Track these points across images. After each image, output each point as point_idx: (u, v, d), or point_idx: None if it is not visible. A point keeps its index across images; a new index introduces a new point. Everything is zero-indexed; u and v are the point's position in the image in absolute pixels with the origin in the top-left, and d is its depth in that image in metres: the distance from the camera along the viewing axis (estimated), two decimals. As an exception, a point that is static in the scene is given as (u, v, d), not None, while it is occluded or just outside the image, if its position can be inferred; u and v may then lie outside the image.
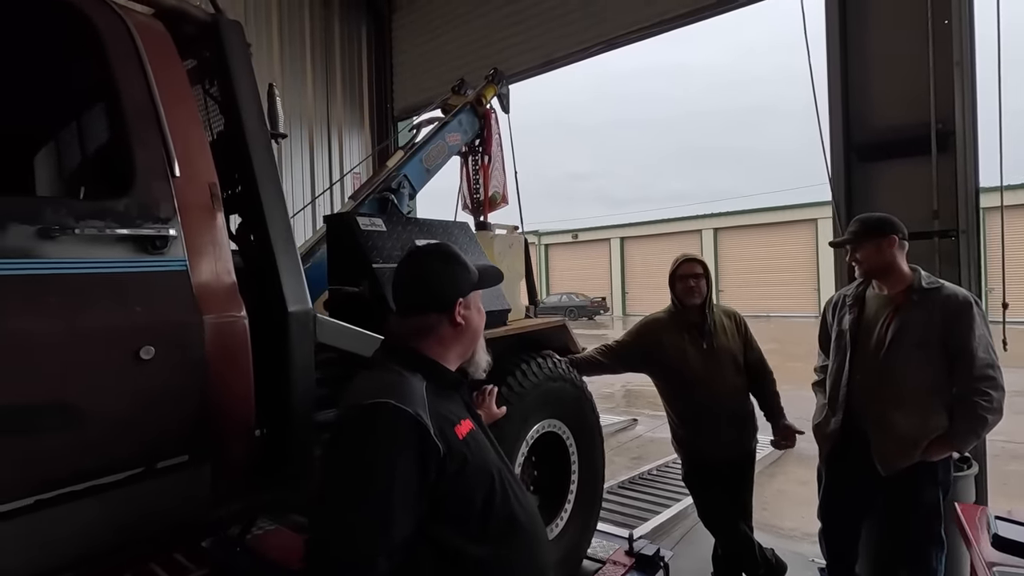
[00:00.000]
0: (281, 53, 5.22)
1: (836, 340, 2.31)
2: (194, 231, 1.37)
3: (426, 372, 1.13)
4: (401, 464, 0.97)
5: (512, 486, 1.15)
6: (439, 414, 1.05)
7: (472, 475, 1.06)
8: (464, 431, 1.09)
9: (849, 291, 2.33)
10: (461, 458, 1.04)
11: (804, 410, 8.19)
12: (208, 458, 1.35)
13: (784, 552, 3.02)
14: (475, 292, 1.23)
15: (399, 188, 3.06)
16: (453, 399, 1.17)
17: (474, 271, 1.24)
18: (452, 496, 1.03)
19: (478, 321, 1.23)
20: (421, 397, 1.05)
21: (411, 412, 1.00)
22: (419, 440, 0.99)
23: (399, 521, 0.95)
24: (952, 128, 2.99)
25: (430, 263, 1.22)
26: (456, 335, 1.19)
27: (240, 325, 1.41)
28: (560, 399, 2.49)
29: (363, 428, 1.00)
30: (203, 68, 1.79)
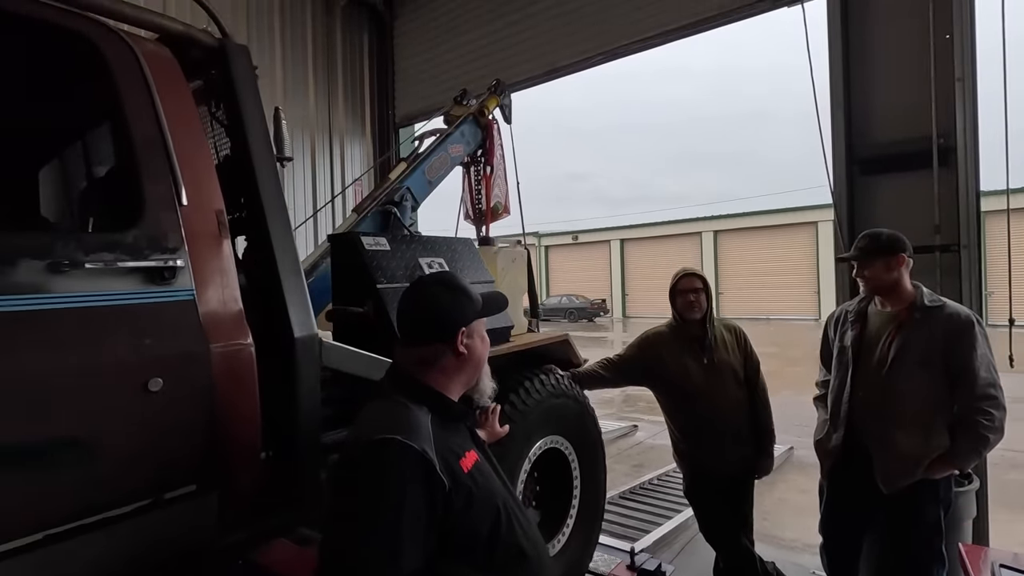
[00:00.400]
0: (283, 60, 5.23)
1: (838, 356, 2.31)
2: (201, 260, 1.38)
3: (431, 404, 1.14)
4: (409, 499, 0.98)
5: (516, 515, 1.17)
6: (445, 448, 1.07)
7: (478, 508, 1.07)
8: (469, 464, 1.11)
9: (851, 306, 2.34)
10: (467, 492, 1.06)
11: (803, 417, 8.16)
12: (215, 486, 1.35)
13: (785, 564, 3.02)
14: (479, 320, 1.24)
15: (402, 201, 3.06)
16: (458, 430, 1.19)
17: (478, 299, 1.24)
18: (459, 529, 1.05)
19: (481, 349, 1.24)
20: (427, 432, 1.06)
21: (417, 448, 1.01)
22: (425, 476, 1.01)
23: (408, 554, 0.96)
24: (953, 143, 3.00)
25: (433, 293, 1.23)
26: (459, 365, 1.20)
27: (247, 353, 1.41)
28: (562, 415, 2.50)
29: (372, 464, 1.02)
30: (209, 89, 1.79)
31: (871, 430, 2.15)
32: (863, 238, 2.24)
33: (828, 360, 2.43)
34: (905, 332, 2.09)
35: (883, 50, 3.23)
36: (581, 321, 24.35)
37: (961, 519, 2.52)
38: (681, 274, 2.68)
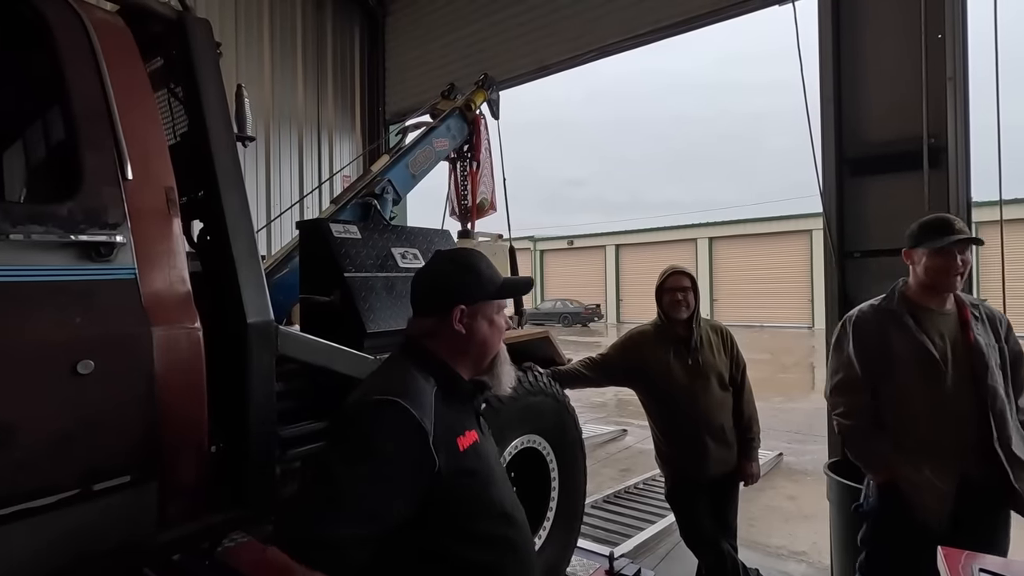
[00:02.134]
0: (272, 54, 5.17)
1: (903, 364, 1.88)
2: (146, 238, 1.30)
3: (438, 375, 1.13)
4: (396, 464, 0.98)
5: (507, 504, 1.15)
6: (444, 423, 1.05)
7: (466, 488, 1.06)
8: (467, 443, 1.09)
9: (890, 305, 1.98)
10: (456, 469, 1.04)
11: (794, 423, 8.14)
12: (153, 478, 1.27)
13: (770, 571, 2.96)
14: (488, 302, 1.19)
15: (383, 193, 2.99)
16: (463, 408, 1.16)
17: (493, 281, 1.21)
18: (442, 504, 1.03)
19: (487, 333, 1.19)
20: (429, 403, 1.05)
21: (415, 415, 1.00)
22: (419, 445, 1.00)
23: (383, 517, 0.96)
24: (944, 143, 2.95)
25: (441, 266, 1.23)
26: (460, 343, 1.17)
27: (193, 337, 1.34)
28: (541, 414, 2.43)
29: (367, 422, 1.01)
30: (170, 68, 1.72)
31: (1004, 452, 1.77)
32: (949, 221, 1.90)
33: (861, 376, 1.98)
34: (976, 332, 1.86)
35: (874, 49, 3.19)
36: (575, 326, 24.30)
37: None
38: (669, 272, 2.61)
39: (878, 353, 1.95)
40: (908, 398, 1.88)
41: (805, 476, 5.41)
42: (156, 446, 1.27)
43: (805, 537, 3.93)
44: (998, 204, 2.91)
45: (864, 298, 3.18)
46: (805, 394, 9.73)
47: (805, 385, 10.81)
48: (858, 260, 3.24)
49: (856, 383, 1.99)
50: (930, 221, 1.95)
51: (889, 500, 1.89)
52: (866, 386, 1.97)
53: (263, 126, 5.06)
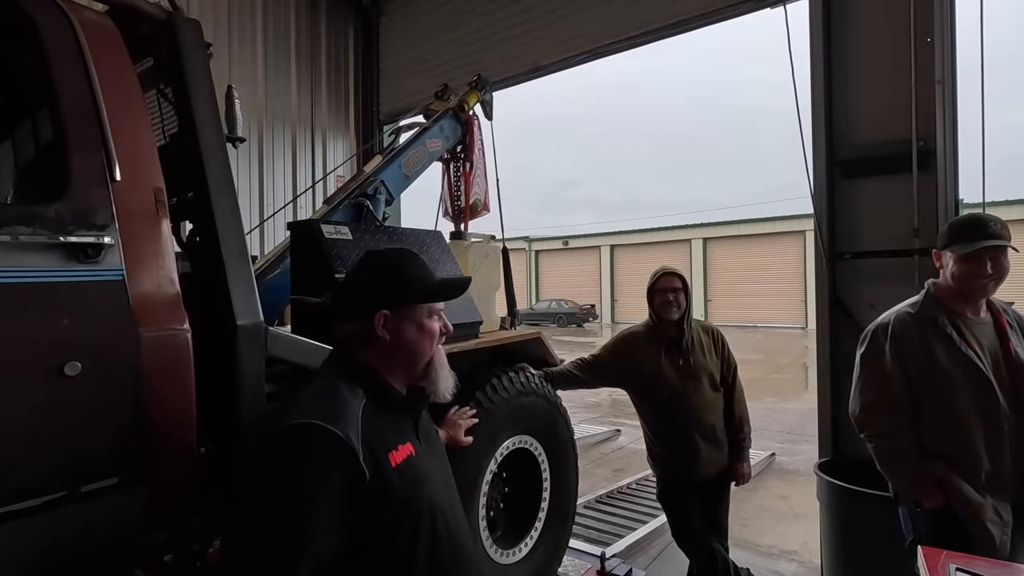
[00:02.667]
0: (265, 55, 5.15)
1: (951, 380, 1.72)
2: (134, 239, 1.30)
3: (367, 386, 1.07)
4: (323, 490, 0.92)
5: (448, 521, 1.10)
6: (374, 437, 1.00)
7: (398, 506, 1.00)
8: (400, 457, 1.03)
9: (929, 313, 1.79)
10: (388, 487, 0.98)
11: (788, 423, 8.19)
12: (142, 480, 1.27)
13: (761, 571, 2.98)
14: (418, 306, 1.14)
15: (375, 194, 2.99)
16: (396, 420, 1.10)
17: (422, 283, 1.15)
18: (374, 526, 0.98)
19: (416, 339, 1.13)
20: (355, 417, 0.99)
21: (339, 434, 0.95)
22: (345, 465, 0.94)
23: (315, 550, 0.90)
24: (933, 146, 2.98)
25: (365, 269, 1.17)
26: (387, 351, 1.12)
27: (182, 338, 1.33)
28: (532, 414, 2.43)
29: (286, 450, 0.95)
30: (160, 69, 1.72)
31: None
32: (982, 222, 1.72)
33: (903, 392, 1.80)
34: (1014, 345, 1.73)
35: (864, 52, 3.21)
36: (570, 326, 24.33)
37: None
38: (660, 272, 2.62)
39: (923, 368, 1.74)
40: (961, 419, 1.69)
41: (797, 476, 5.44)
42: (144, 448, 1.27)
43: (796, 537, 3.95)
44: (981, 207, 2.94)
45: (853, 299, 3.24)
46: (798, 394, 9.78)
47: (798, 385, 10.86)
48: (848, 261, 3.26)
49: (895, 401, 1.79)
50: (962, 222, 1.80)
51: (948, 529, 1.66)
52: (906, 404, 1.79)
53: (256, 126, 5.05)
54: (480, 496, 2.17)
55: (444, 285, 1.21)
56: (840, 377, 3.26)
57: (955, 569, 0.73)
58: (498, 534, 2.37)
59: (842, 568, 2.75)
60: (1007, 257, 1.70)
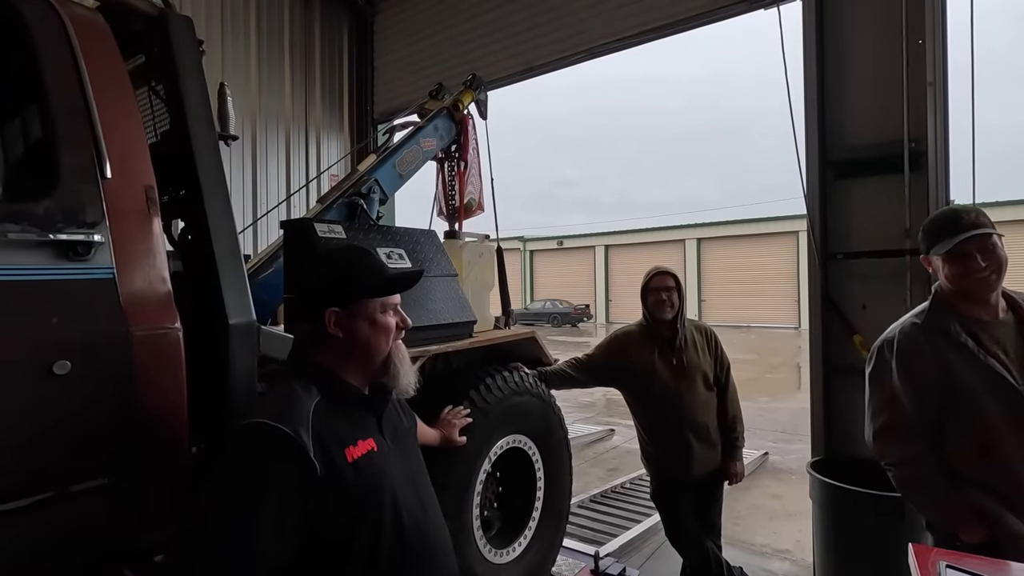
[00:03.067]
0: (259, 53, 5.12)
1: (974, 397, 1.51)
2: (125, 237, 1.29)
3: (321, 385, 1.08)
4: (269, 490, 0.93)
5: (416, 516, 1.10)
6: (329, 433, 1.01)
7: (356, 499, 1.01)
8: (358, 453, 1.04)
9: (938, 322, 1.59)
10: (343, 481, 0.99)
11: (781, 422, 8.21)
12: (132, 480, 1.26)
13: (754, 569, 2.99)
14: (369, 301, 1.14)
15: (369, 193, 2.98)
16: (355, 416, 1.11)
17: (372, 277, 1.15)
18: (331, 520, 0.98)
19: (369, 334, 1.13)
20: (306, 415, 0.99)
21: (287, 432, 0.95)
22: (293, 460, 0.95)
23: (269, 549, 0.92)
24: (924, 147, 3.00)
25: (314, 267, 1.19)
26: (342, 348, 1.12)
27: (173, 337, 1.32)
28: (526, 414, 2.43)
29: (237, 451, 0.97)
30: (151, 66, 1.71)
31: None
32: (955, 215, 1.58)
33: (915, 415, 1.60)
34: None
35: (857, 53, 3.23)
36: (565, 326, 24.36)
37: (926, 524, 2.50)
38: (654, 272, 2.63)
39: (939, 384, 1.55)
40: (993, 439, 1.48)
41: (790, 475, 5.47)
42: (135, 447, 1.26)
43: (789, 535, 3.97)
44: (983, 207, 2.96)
45: (845, 299, 3.25)
46: (791, 394, 9.83)
47: (791, 385, 10.92)
48: (841, 261, 3.28)
49: (905, 423, 1.62)
50: (934, 221, 1.64)
51: None
52: (922, 428, 1.60)
53: (250, 125, 5.02)
54: (474, 496, 2.17)
55: (393, 278, 1.20)
56: (832, 376, 3.28)
57: (945, 566, 0.74)
58: (492, 533, 2.37)
59: (834, 566, 2.76)
60: (998, 244, 1.53)
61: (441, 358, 2.33)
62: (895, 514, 2.50)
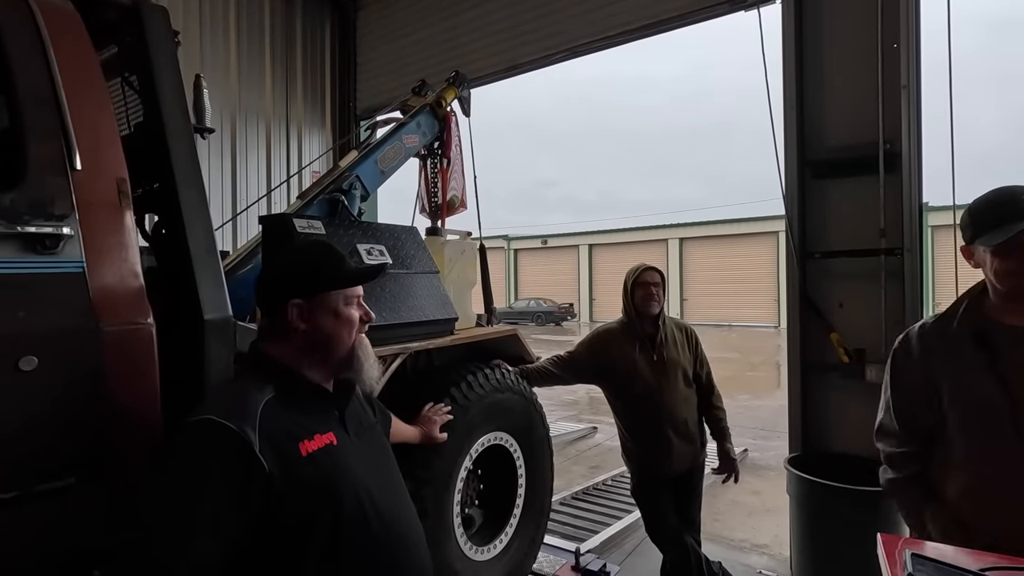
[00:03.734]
0: (239, 47, 5.04)
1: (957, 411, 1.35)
2: (95, 231, 1.26)
3: (277, 381, 1.06)
4: (213, 487, 0.91)
5: (381, 512, 1.09)
6: (279, 428, 0.99)
7: (311, 494, 0.99)
8: (313, 447, 1.02)
9: (947, 326, 1.40)
10: (296, 477, 0.98)
11: (761, 420, 8.33)
12: (102, 479, 1.23)
13: (733, 564, 3.03)
14: (333, 293, 1.13)
15: (351, 189, 2.95)
16: (313, 411, 1.09)
17: (336, 270, 1.15)
18: (284, 519, 0.97)
19: (332, 327, 1.12)
20: (254, 411, 0.98)
21: (231, 427, 0.94)
22: (237, 456, 0.93)
23: (207, 549, 0.89)
24: (899, 148, 3.07)
25: (278, 261, 1.19)
26: (304, 342, 1.11)
27: (146, 333, 1.30)
28: (508, 411, 2.43)
29: (179, 448, 0.96)
30: (125, 56, 1.67)
31: None
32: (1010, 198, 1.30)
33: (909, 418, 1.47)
34: None
35: (834, 56, 3.29)
36: (548, 325, 24.42)
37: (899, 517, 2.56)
38: (642, 267, 2.66)
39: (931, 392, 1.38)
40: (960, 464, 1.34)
41: (769, 471, 5.55)
42: (104, 446, 1.23)
43: (767, 530, 4.03)
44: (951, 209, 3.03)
45: (823, 298, 3.31)
46: (770, 392, 9.98)
47: (771, 383, 11.08)
48: (818, 260, 3.34)
49: (892, 425, 1.51)
50: (985, 203, 1.35)
51: None
52: (911, 429, 1.46)
53: (229, 119, 4.94)
54: (455, 493, 2.17)
55: (357, 270, 1.21)
56: (810, 374, 3.34)
57: (910, 555, 0.76)
58: (473, 531, 2.37)
59: (810, 558, 2.81)
60: None
61: (422, 355, 2.32)
62: (869, 507, 2.55)
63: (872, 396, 3.04)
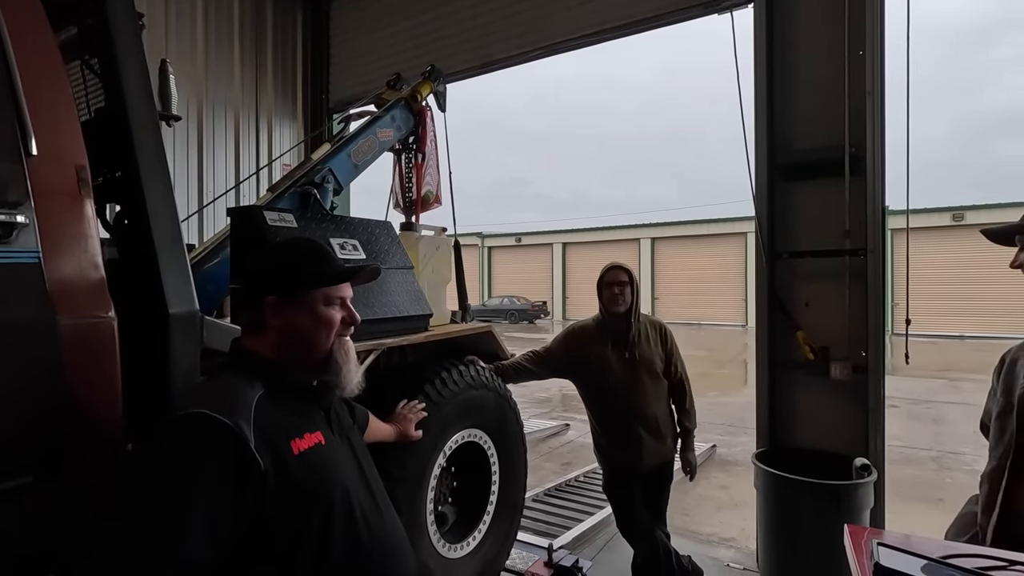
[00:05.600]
0: (206, 32, 4.89)
1: (997, 419, 1.37)
2: (52, 219, 1.20)
3: (265, 377, 1.04)
4: (204, 483, 0.88)
5: (368, 514, 1.08)
6: (272, 425, 0.97)
7: (304, 492, 0.97)
8: (305, 445, 1.00)
9: None
10: (289, 474, 0.95)
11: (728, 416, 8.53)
12: (60, 478, 1.17)
13: (702, 557, 3.09)
14: (312, 292, 1.10)
15: (323, 182, 2.89)
16: (302, 410, 1.08)
17: (318, 269, 1.12)
18: (276, 519, 0.94)
19: (309, 326, 1.09)
20: (247, 406, 0.95)
21: (227, 423, 0.91)
22: (233, 453, 0.90)
23: (200, 550, 0.86)
24: (863, 153, 3.16)
25: (260, 256, 1.16)
26: (281, 339, 1.08)
27: (106, 326, 1.24)
28: (482, 408, 2.42)
29: (171, 442, 0.92)
30: (85, 38, 1.60)
31: None
32: None
33: (988, 421, 1.47)
34: None
35: (804, 62, 3.37)
36: (522, 323, 24.47)
37: (860, 508, 2.65)
38: (608, 267, 2.68)
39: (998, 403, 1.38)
40: None
41: (736, 466, 5.68)
42: (62, 444, 1.17)
43: (735, 524, 4.13)
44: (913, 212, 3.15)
45: (790, 297, 3.39)
46: (738, 389, 10.21)
47: (739, 380, 11.33)
48: (787, 261, 3.42)
49: (986, 426, 1.49)
50: None
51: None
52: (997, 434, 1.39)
53: (195, 108, 4.79)
54: (428, 490, 2.15)
55: (342, 269, 1.17)
56: (777, 372, 3.43)
57: (877, 544, 0.78)
58: (446, 528, 2.35)
59: (775, 550, 2.89)
60: None
61: (396, 352, 2.29)
62: (831, 500, 2.64)
63: (837, 393, 3.18)
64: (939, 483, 5.37)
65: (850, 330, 3.17)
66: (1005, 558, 0.87)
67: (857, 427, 3.12)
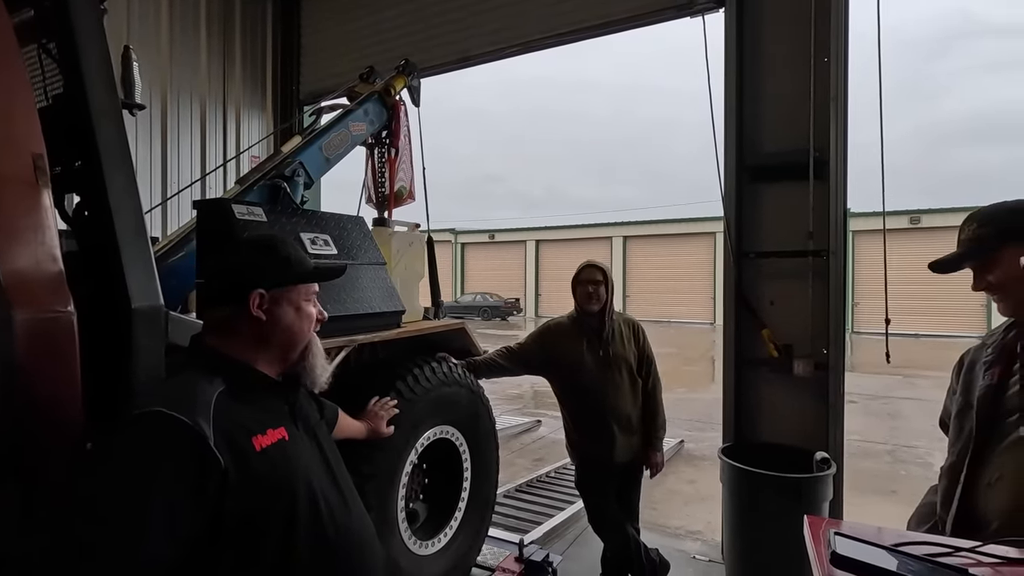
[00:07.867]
0: (171, 19, 4.72)
1: (956, 417, 1.38)
2: (6, 209, 1.15)
3: (227, 374, 1.03)
4: (162, 481, 0.86)
5: (334, 510, 1.07)
6: (233, 421, 0.96)
7: (266, 489, 0.97)
8: (267, 441, 0.99)
9: (992, 339, 1.37)
10: (251, 471, 0.94)
11: (697, 411, 8.70)
12: (15, 478, 1.13)
13: (669, 550, 3.15)
14: (295, 288, 1.12)
15: (293, 176, 2.84)
16: (266, 406, 1.07)
17: (299, 265, 1.13)
18: (238, 515, 0.93)
19: (293, 320, 1.11)
20: (206, 403, 0.94)
21: (185, 420, 0.89)
22: (191, 452, 0.89)
23: (154, 541, 0.84)
24: (827, 157, 3.26)
25: (236, 251, 1.14)
26: (261, 333, 1.08)
27: (65, 322, 1.20)
28: (454, 405, 2.42)
29: (128, 441, 0.89)
30: (42, 21, 1.53)
31: None
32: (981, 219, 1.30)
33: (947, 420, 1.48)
34: None
35: (772, 66, 3.46)
36: (495, 319, 24.48)
37: (819, 500, 2.75)
38: (583, 265, 2.70)
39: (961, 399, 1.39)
40: None
41: (703, 461, 5.81)
42: (18, 442, 1.13)
43: (701, 517, 4.23)
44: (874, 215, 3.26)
45: (756, 296, 3.48)
46: (706, 385, 10.43)
47: (706, 377, 11.58)
48: (753, 260, 3.51)
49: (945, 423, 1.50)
50: None
51: None
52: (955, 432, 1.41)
53: (159, 97, 4.64)
54: (400, 488, 2.14)
55: (323, 267, 1.21)
56: (743, 369, 3.52)
57: (834, 533, 0.82)
58: (417, 525, 2.35)
59: (739, 541, 2.97)
60: None
61: (368, 348, 2.27)
62: (793, 493, 2.73)
63: (799, 389, 3.28)
64: (894, 476, 5.60)
65: (812, 328, 3.28)
66: (951, 545, 0.92)
67: (818, 422, 3.23)
